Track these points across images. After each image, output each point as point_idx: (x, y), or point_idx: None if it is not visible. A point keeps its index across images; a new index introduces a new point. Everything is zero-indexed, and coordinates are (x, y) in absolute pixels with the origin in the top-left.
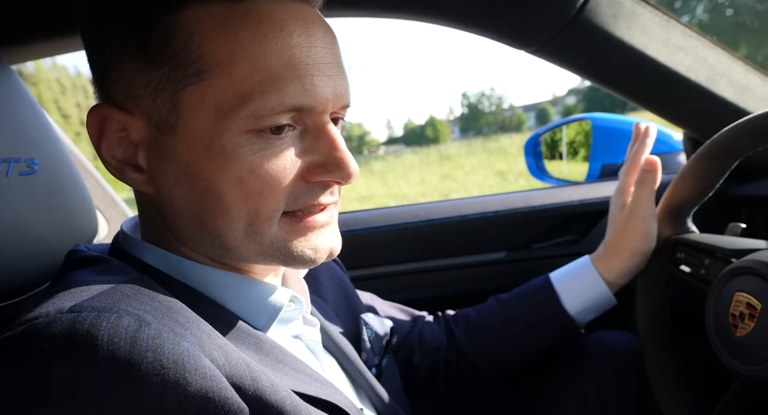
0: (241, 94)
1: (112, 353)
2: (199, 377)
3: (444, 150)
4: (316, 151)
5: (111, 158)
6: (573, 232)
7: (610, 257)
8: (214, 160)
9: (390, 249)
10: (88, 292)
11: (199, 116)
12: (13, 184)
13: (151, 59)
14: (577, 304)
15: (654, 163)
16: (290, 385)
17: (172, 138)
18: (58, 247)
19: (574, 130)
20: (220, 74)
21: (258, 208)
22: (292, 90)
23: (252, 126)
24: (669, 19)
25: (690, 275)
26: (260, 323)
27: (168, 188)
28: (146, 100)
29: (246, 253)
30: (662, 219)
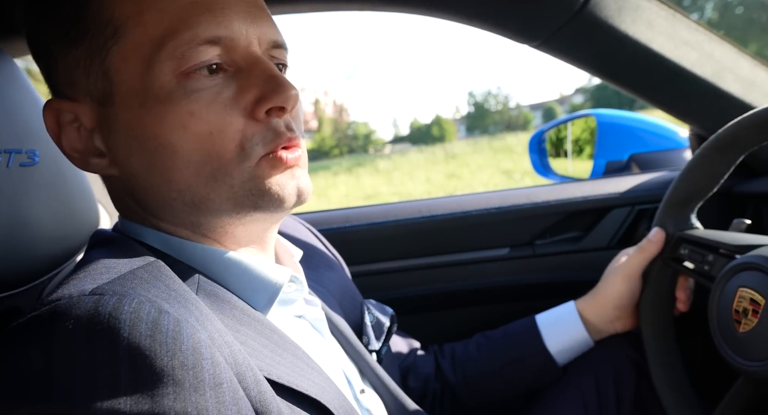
0: (156, 39)
1: (134, 337)
2: (215, 366)
3: (450, 149)
4: (252, 85)
5: (73, 151)
6: (576, 228)
7: (594, 305)
8: (152, 112)
9: (392, 245)
10: (108, 275)
11: (128, 75)
12: (13, 175)
13: (73, 38)
14: (558, 344)
15: (661, 238)
16: (284, 374)
17: (112, 107)
18: (60, 238)
19: (579, 127)
20: (134, 26)
21: (217, 149)
22: (203, 23)
23: (177, 68)
24: (675, 13)
25: (694, 271)
26: (261, 304)
27: (127, 161)
28: (82, 80)
29: (218, 200)
30: (666, 215)
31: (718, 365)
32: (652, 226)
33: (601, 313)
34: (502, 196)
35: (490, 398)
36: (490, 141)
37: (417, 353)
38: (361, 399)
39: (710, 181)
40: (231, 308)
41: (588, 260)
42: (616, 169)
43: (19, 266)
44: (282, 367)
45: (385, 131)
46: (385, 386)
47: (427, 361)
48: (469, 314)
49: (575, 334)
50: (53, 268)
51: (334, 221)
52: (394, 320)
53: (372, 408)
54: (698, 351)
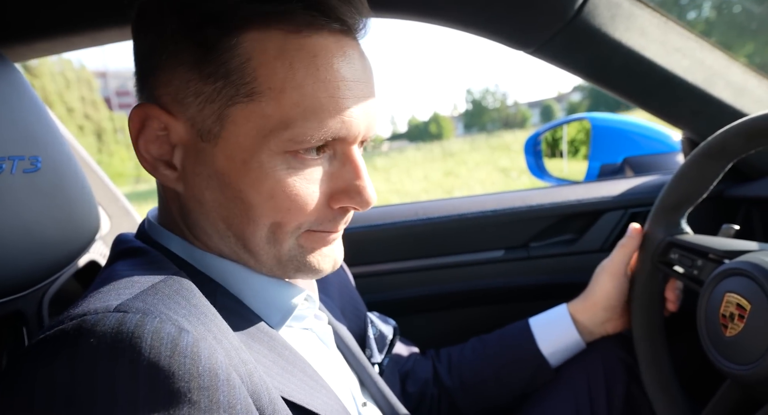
0: (286, 119)
1: (155, 356)
2: (231, 388)
3: (447, 146)
4: (341, 177)
5: (146, 153)
6: (570, 231)
7: (584, 308)
8: (250, 174)
9: (389, 247)
10: (131, 290)
11: (243, 132)
12: (17, 181)
13: (206, 74)
14: (551, 346)
15: (638, 231)
16: (294, 392)
17: (212, 147)
18: (62, 243)
19: (574, 130)
20: (270, 98)
21: (283, 221)
22: (332, 121)
23: (289, 148)
24: (667, 21)
25: (683, 276)
26: (274, 320)
27: (199, 190)
28: (193, 108)
29: (265, 257)
30: (657, 220)
31: (706, 367)
32: (643, 230)
33: (592, 315)
34: (497, 199)
35: (486, 400)
36: (488, 139)
37: (415, 357)
38: (363, 412)
39: (700, 188)
40: (246, 324)
41: (581, 262)
42: (610, 172)
43: (22, 270)
44: (292, 385)
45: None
46: (386, 400)
47: (424, 366)
48: (465, 315)
49: (567, 336)
50: (54, 272)
51: None
52: (396, 332)
53: None
54: (687, 353)
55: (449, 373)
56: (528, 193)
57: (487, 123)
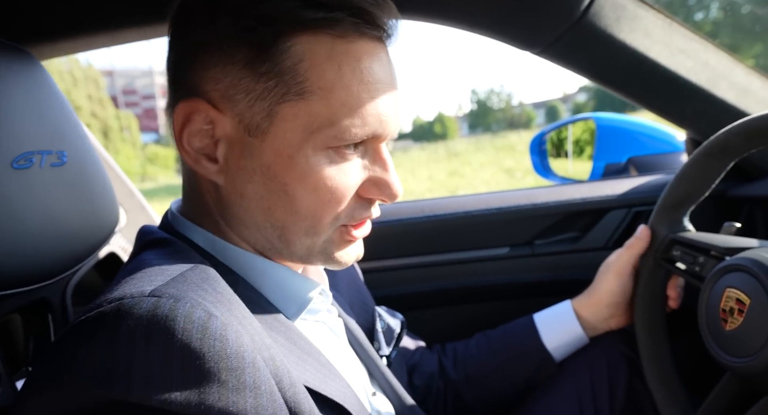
0: (332, 118)
1: (187, 339)
2: (256, 370)
3: (452, 146)
4: (372, 170)
5: (189, 146)
6: (575, 229)
7: (588, 304)
8: (296, 168)
9: (395, 243)
10: (162, 277)
11: (291, 128)
12: (45, 174)
13: (260, 72)
14: (555, 341)
15: (647, 234)
16: (310, 379)
17: (260, 142)
18: (85, 235)
19: (579, 129)
20: (319, 98)
21: (323, 213)
22: (372, 121)
23: (333, 144)
24: (671, 22)
25: (685, 272)
26: (290, 312)
27: (241, 182)
28: (243, 104)
29: (299, 247)
30: (660, 217)
31: (706, 361)
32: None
33: (595, 311)
34: (502, 197)
35: (491, 393)
36: (493, 139)
37: (422, 351)
38: (373, 401)
39: (702, 186)
40: (264, 314)
41: (585, 259)
42: (614, 172)
43: (47, 260)
44: (308, 372)
45: None
46: (394, 390)
47: (430, 359)
48: (470, 311)
49: (571, 331)
50: (77, 262)
51: None
52: (404, 326)
53: (382, 410)
54: (688, 348)
55: (454, 367)
56: (533, 191)
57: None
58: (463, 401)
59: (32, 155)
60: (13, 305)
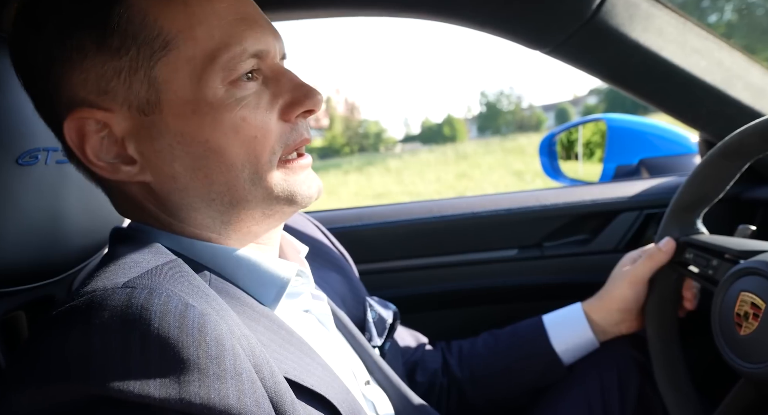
0: (209, 51)
1: (164, 328)
2: (236, 357)
3: (461, 149)
4: (283, 92)
5: (99, 161)
6: (584, 231)
7: (600, 308)
8: (207, 119)
9: (403, 244)
10: (137, 269)
11: (179, 85)
12: (51, 171)
13: (114, 48)
14: (564, 344)
15: (672, 247)
16: (291, 370)
17: (159, 115)
18: (90, 232)
19: (589, 131)
20: (185, 40)
21: (257, 152)
22: (249, 39)
23: (227, 78)
24: (685, 22)
25: (698, 275)
26: (269, 299)
27: (167, 166)
28: (121, 89)
29: (254, 201)
30: (672, 220)
31: (720, 367)
32: (659, 230)
33: (606, 315)
34: (511, 198)
35: (496, 394)
36: (502, 142)
37: (425, 348)
38: (366, 392)
39: (716, 188)
40: (241, 305)
41: (595, 262)
42: (625, 174)
43: (53, 257)
44: (289, 362)
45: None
46: (389, 380)
47: (434, 356)
48: (477, 314)
49: (581, 334)
50: (83, 259)
51: (346, 219)
52: (396, 317)
53: (376, 400)
54: (701, 353)
55: (459, 364)
56: (542, 192)
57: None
58: (467, 399)
59: (38, 152)
60: (19, 301)
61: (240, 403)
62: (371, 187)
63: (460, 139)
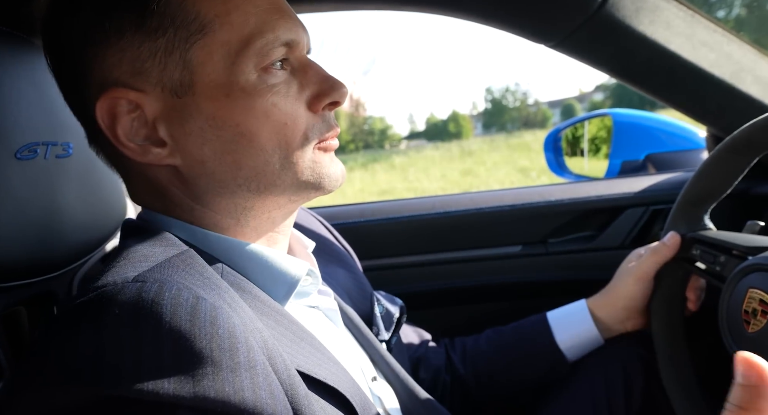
0: (244, 37)
1: (176, 322)
2: (249, 349)
3: (466, 145)
4: (310, 83)
5: (130, 142)
6: (590, 228)
7: (605, 304)
8: (239, 103)
9: (406, 240)
10: (147, 263)
11: (213, 68)
12: (50, 166)
13: (152, 29)
14: (568, 340)
15: (677, 242)
16: (303, 363)
17: (192, 97)
18: (91, 227)
19: (595, 126)
20: (221, 25)
21: (288, 138)
22: (282, 27)
23: (260, 64)
24: (693, 14)
25: (705, 272)
26: (280, 295)
27: (197, 149)
28: (156, 70)
29: (282, 186)
30: (679, 215)
31: (727, 365)
32: (665, 225)
33: (611, 312)
34: (515, 194)
35: (500, 391)
36: (507, 138)
37: (428, 345)
38: (373, 387)
39: (724, 183)
40: (252, 299)
41: (601, 259)
42: (631, 169)
43: (53, 252)
44: (301, 357)
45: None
46: (396, 375)
47: (438, 353)
48: (481, 310)
49: (585, 331)
50: (84, 255)
51: (349, 215)
52: (403, 311)
53: (383, 396)
54: (708, 351)
55: (463, 361)
56: (547, 188)
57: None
58: (471, 396)
59: (36, 146)
60: (19, 296)
61: (255, 395)
62: (376, 184)
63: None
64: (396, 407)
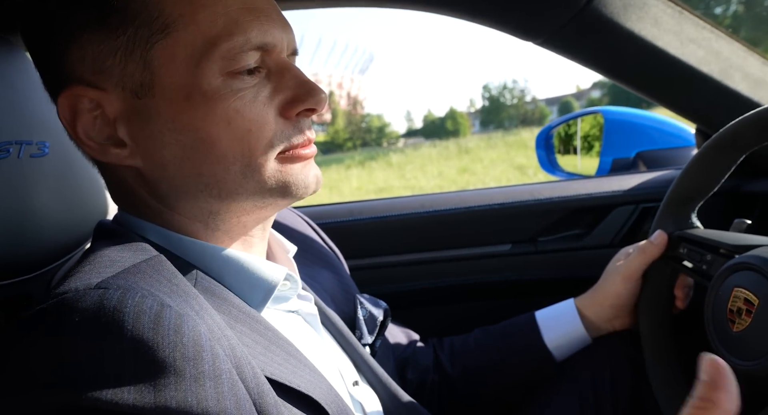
0: (210, 38)
1: (138, 330)
2: (215, 358)
3: (463, 143)
4: (285, 88)
5: (89, 140)
6: (580, 226)
7: (592, 303)
8: (199, 108)
9: (395, 239)
10: (112, 268)
11: (174, 69)
12: (24, 165)
13: (113, 26)
14: (556, 339)
15: (664, 241)
16: (276, 371)
17: (151, 99)
18: (69, 227)
19: (587, 124)
20: (186, 24)
21: (251, 146)
22: (254, 30)
23: (226, 68)
24: (682, 11)
25: (692, 270)
26: (256, 301)
27: (157, 152)
28: (117, 69)
29: (244, 194)
30: (666, 214)
31: None
32: (653, 224)
33: (599, 311)
34: (505, 193)
35: (488, 390)
36: (505, 136)
37: (416, 345)
38: (354, 392)
39: (711, 181)
40: (227, 305)
41: (590, 257)
42: (622, 167)
43: (29, 252)
44: (275, 364)
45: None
46: (379, 379)
47: (426, 353)
48: (470, 309)
49: (573, 330)
50: (62, 255)
51: (337, 214)
52: (387, 314)
53: (364, 401)
54: (695, 349)
55: (451, 361)
56: (536, 186)
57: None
58: (459, 396)
59: (9, 146)
60: None
61: (219, 405)
62: (373, 182)
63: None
64: (378, 410)
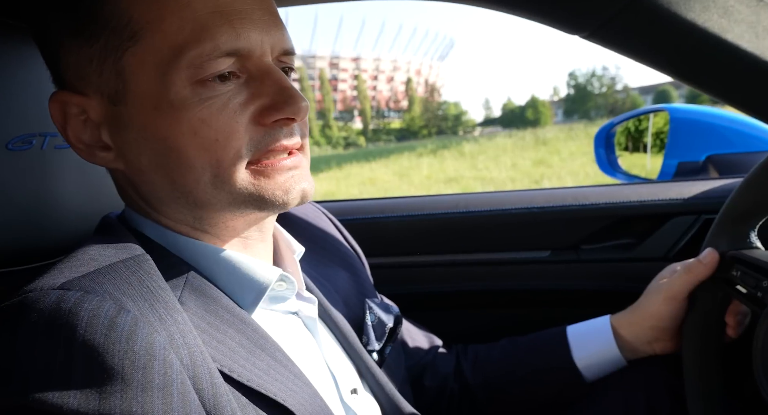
0: (176, 46)
1: (90, 334)
2: (167, 368)
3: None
4: (264, 94)
5: (78, 142)
6: (629, 235)
7: (630, 322)
8: (166, 117)
9: (426, 239)
10: (87, 268)
11: (143, 78)
12: (47, 156)
13: (87, 35)
14: (586, 358)
15: (714, 260)
16: (254, 377)
17: (125, 106)
18: (88, 216)
19: (654, 122)
20: (153, 32)
21: (219, 157)
22: (224, 35)
23: (194, 76)
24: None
25: (745, 296)
26: (248, 301)
27: (136, 158)
28: (94, 76)
29: (218, 204)
30: (721, 230)
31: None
32: (705, 240)
33: (637, 331)
34: (547, 195)
35: (509, 406)
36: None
37: (437, 351)
38: (350, 401)
39: None
40: (215, 306)
41: (640, 270)
42: (689, 171)
43: (49, 239)
44: (255, 369)
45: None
46: (382, 388)
47: (447, 360)
48: (500, 317)
49: (606, 350)
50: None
51: (369, 210)
52: (399, 321)
53: (362, 410)
54: (743, 384)
55: (473, 370)
56: (582, 190)
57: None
58: (478, 407)
59: (32, 137)
60: (14, 283)
61: None
62: (443, 171)
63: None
64: None
